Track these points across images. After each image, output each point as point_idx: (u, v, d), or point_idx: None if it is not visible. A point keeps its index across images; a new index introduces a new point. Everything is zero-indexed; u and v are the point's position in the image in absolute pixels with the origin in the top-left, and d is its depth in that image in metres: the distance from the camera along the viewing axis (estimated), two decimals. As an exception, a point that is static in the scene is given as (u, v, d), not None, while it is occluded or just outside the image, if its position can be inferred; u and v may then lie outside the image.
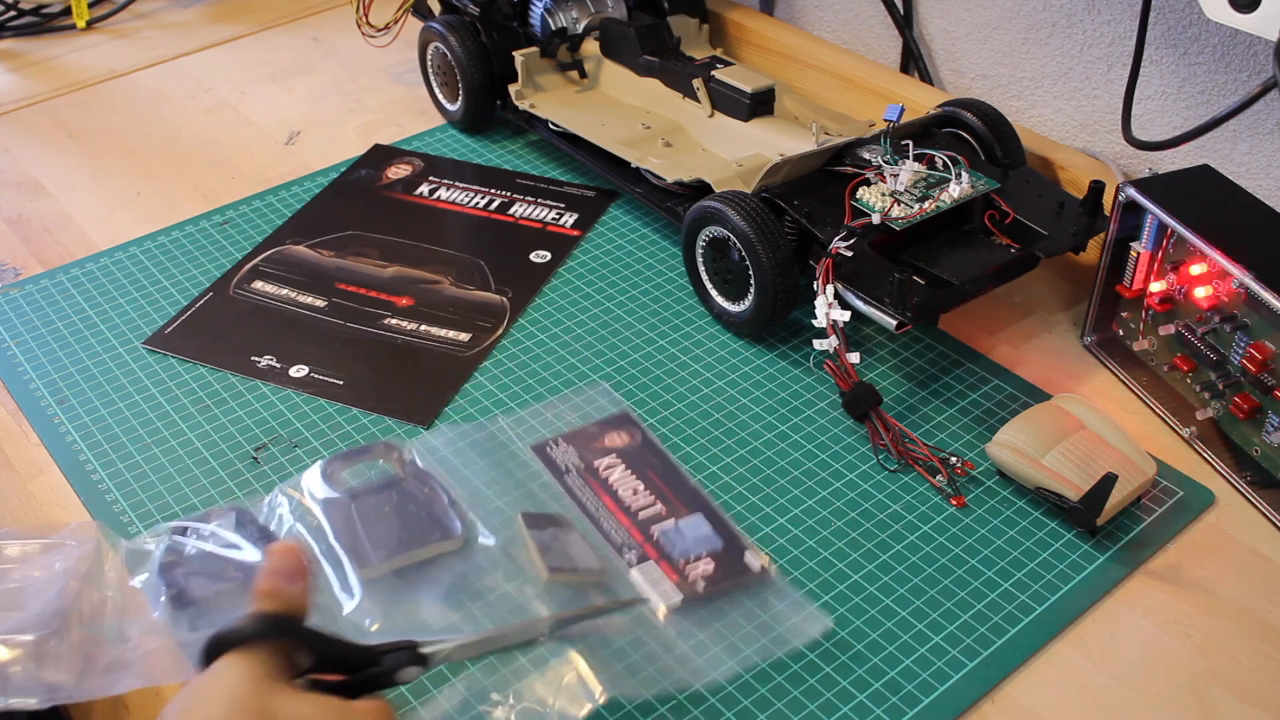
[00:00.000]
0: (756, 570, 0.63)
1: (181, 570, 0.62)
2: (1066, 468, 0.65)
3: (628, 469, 0.69)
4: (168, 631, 0.58)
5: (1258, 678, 0.59)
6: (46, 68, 1.17)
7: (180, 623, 0.59)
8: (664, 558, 0.63)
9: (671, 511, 0.66)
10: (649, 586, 0.61)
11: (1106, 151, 0.92)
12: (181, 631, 0.59)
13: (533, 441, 0.71)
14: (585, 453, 0.70)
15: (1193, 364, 0.72)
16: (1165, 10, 0.83)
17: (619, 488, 0.68)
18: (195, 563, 0.62)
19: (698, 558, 0.63)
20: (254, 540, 0.63)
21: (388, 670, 0.51)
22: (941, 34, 1.01)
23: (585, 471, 0.69)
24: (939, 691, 0.58)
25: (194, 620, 0.59)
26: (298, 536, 0.64)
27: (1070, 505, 0.64)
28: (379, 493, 0.66)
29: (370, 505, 0.65)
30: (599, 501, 0.67)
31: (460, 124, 1.03)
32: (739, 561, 0.63)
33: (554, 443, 0.71)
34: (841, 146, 0.81)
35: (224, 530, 0.64)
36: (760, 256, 0.74)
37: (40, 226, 0.93)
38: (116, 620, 0.58)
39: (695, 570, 0.62)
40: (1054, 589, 0.63)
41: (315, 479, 0.67)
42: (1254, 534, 0.66)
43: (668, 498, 0.67)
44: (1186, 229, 0.68)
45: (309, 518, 0.65)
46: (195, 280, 0.87)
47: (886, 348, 0.79)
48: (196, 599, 0.60)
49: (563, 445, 0.70)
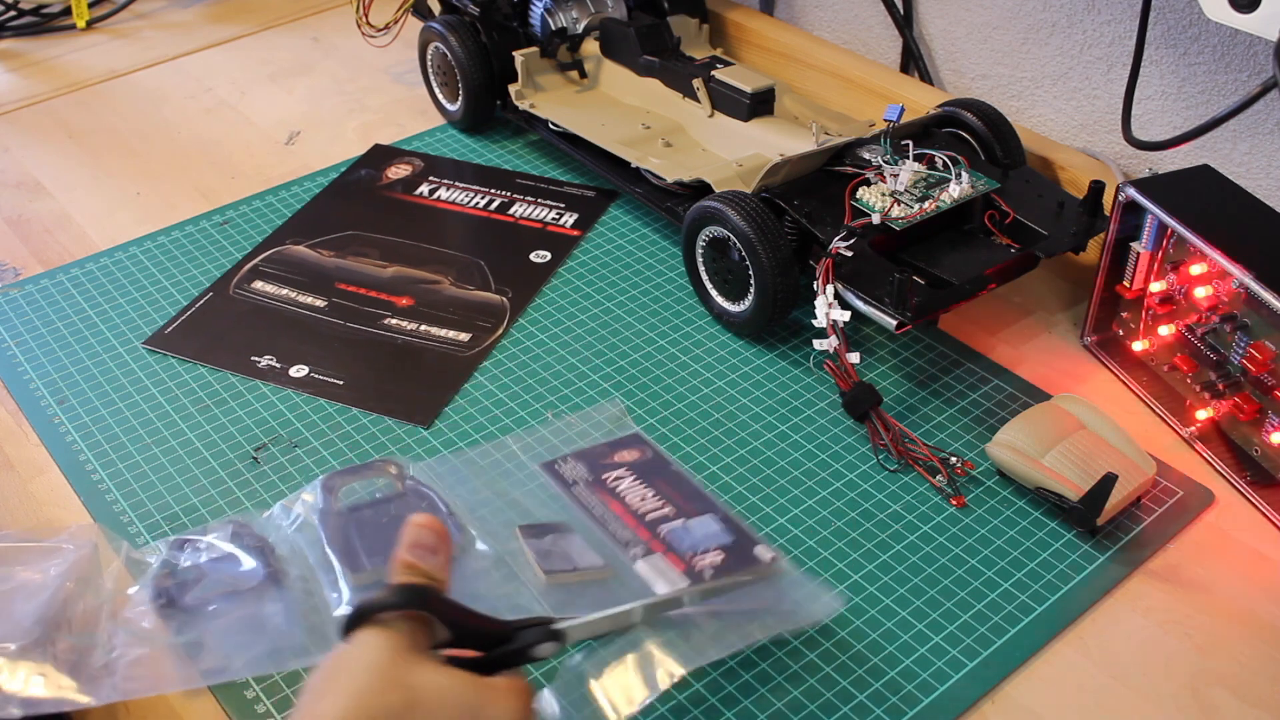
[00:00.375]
0: (767, 561, 0.62)
1: (173, 579, 0.62)
2: (1066, 468, 0.65)
3: (637, 479, 0.68)
4: (158, 640, 0.58)
5: (1258, 678, 0.59)
6: (46, 68, 1.17)
7: (170, 623, 0.59)
8: (671, 551, 0.62)
9: (681, 514, 0.66)
10: (655, 576, 0.60)
11: (1106, 151, 0.92)
12: (170, 630, 0.59)
13: (540, 461, 0.70)
14: (594, 468, 0.69)
15: (1193, 364, 0.72)
16: (1165, 10, 0.83)
17: (627, 495, 0.67)
18: (188, 572, 0.62)
19: (706, 551, 0.62)
20: (248, 550, 0.63)
21: (524, 646, 0.50)
22: (941, 34, 1.01)
23: (593, 484, 0.68)
24: (939, 691, 0.58)
25: (181, 627, 0.59)
26: (293, 546, 0.64)
27: (1070, 505, 0.64)
28: (377, 506, 0.66)
29: (367, 517, 0.65)
30: (606, 508, 0.66)
31: (460, 124, 1.03)
32: (748, 553, 0.62)
33: (563, 460, 0.70)
34: (841, 146, 0.81)
35: (221, 542, 0.64)
36: (760, 256, 0.74)
37: (40, 226, 0.93)
38: (107, 628, 0.58)
39: (703, 561, 0.61)
40: (1054, 589, 0.63)
41: (315, 493, 0.67)
42: (1254, 534, 0.66)
43: (678, 503, 0.66)
44: (1186, 229, 0.68)
45: (305, 530, 0.65)
46: (195, 280, 0.87)
47: (886, 348, 0.79)
48: (186, 606, 0.60)
49: (571, 462, 0.70)
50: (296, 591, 0.61)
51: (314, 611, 0.60)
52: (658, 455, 0.70)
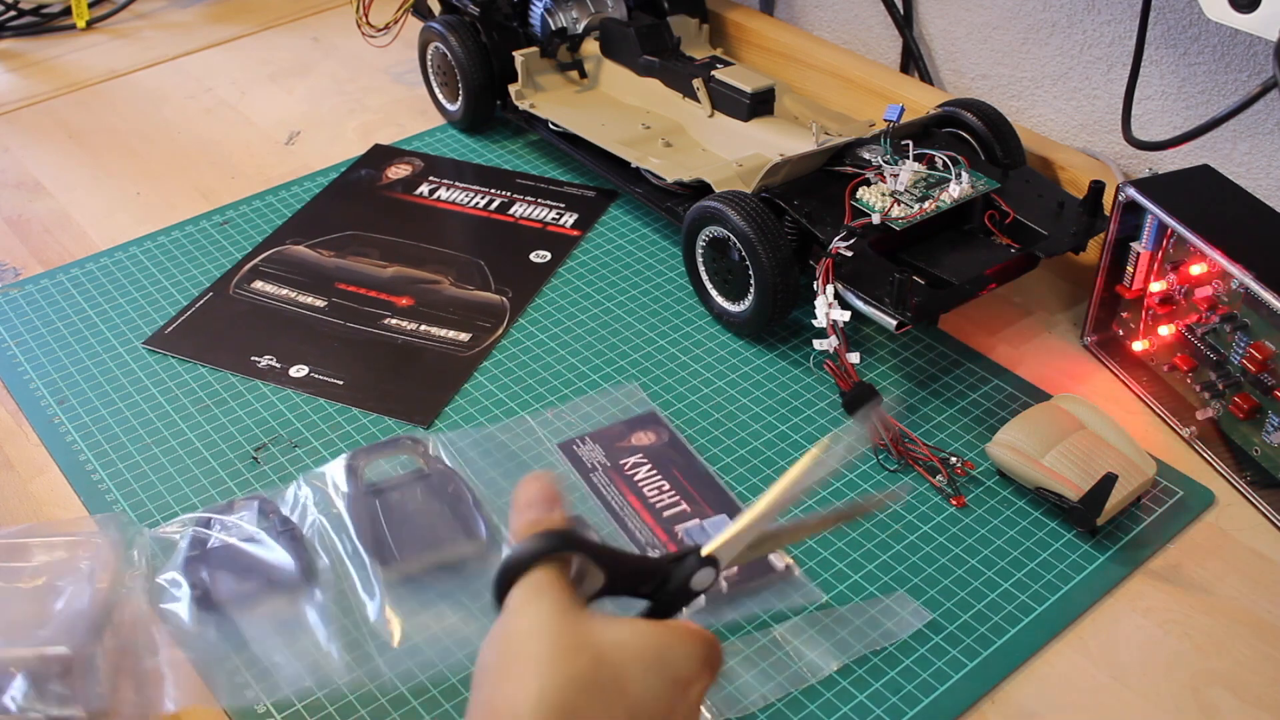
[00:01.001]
0: (780, 570, 0.62)
1: (205, 568, 0.61)
2: (1066, 467, 0.65)
3: (653, 468, 0.69)
4: (201, 645, 0.58)
5: (1258, 678, 0.59)
6: (46, 68, 1.17)
7: (207, 626, 0.59)
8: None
9: (696, 512, 0.66)
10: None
11: (1106, 151, 0.92)
12: (209, 636, 0.58)
13: (559, 440, 0.71)
14: (611, 451, 0.70)
15: (1193, 364, 0.72)
16: (1165, 10, 0.83)
17: (645, 486, 0.68)
18: (219, 558, 0.62)
19: None
20: (275, 534, 0.63)
21: (683, 581, 0.46)
22: (941, 34, 1.01)
23: (611, 470, 0.69)
24: (939, 691, 0.58)
25: (220, 623, 0.59)
26: (320, 529, 0.64)
27: (1070, 505, 0.64)
28: (404, 488, 0.66)
29: (394, 501, 0.65)
30: (624, 500, 0.67)
31: (460, 124, 1.03)
32: (763, 560, 0.63)
33: (580, 441, 0.71)
34: (841, 146, 0.81)
35: (246, 523, 0.63)
36: (760, 256, 0.74)
37: (40, 226, 0.93)
38: (150, 631, 0.58)
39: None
40: (1054, 589, 0.63)
41: (339, 471, 0.67)
42: (1254, 534, 0.66)
43: (693, 497, 0.67)
44: (1186, 229, 0.68)
45: (331, 509, 0.65)
46: (195, 280, 0.87)
47: (886, 348, 0.79)
48: (223, 601, 0.60)
49: (589, 443, 0.70)
50: (330, 593, 0.61)
51: (350, 626, 0.60)
52: (674, 439, 0.71)
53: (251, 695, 0.57)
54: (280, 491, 0.67)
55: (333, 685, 0.58)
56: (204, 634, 0.59)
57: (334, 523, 0.64)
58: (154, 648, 0.57)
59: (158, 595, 0.60)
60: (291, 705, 0.57)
